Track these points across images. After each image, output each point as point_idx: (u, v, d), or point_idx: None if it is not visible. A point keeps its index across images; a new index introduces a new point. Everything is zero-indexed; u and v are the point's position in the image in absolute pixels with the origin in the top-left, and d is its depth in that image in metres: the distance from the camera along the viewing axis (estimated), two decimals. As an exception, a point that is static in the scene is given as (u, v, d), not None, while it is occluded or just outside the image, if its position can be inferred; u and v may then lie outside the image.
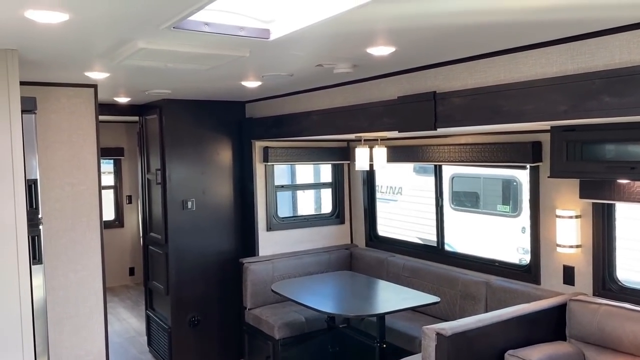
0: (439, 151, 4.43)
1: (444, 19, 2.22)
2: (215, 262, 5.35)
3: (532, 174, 3.87)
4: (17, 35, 2.44)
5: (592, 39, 2.47)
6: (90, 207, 4.11)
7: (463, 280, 4.26)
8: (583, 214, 3.53)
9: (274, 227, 5.34)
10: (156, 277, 5.53)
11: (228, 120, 5.41)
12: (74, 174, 4.06)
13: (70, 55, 2.93)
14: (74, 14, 2.08)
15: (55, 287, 4.00)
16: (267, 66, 3.34)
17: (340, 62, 3.21)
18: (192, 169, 5.24)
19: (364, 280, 4.76)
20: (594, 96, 2.44)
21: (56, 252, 3.99)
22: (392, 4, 1.96)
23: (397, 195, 7.52)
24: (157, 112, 5.19)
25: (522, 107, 2.75)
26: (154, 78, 3.82)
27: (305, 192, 7.74)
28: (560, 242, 3.60)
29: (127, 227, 8.64)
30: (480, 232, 6.25)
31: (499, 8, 2.07)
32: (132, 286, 8.55)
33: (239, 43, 2.59)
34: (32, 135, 2.89)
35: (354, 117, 3.94)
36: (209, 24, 2.32)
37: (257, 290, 5.02)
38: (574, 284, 3.61)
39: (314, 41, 2.61)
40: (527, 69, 2.76)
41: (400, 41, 2.64)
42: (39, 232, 2.92)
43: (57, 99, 3.99)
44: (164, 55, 2.78)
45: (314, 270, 5.24)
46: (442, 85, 3.23)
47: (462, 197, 6.69)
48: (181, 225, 5.18)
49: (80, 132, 4.07)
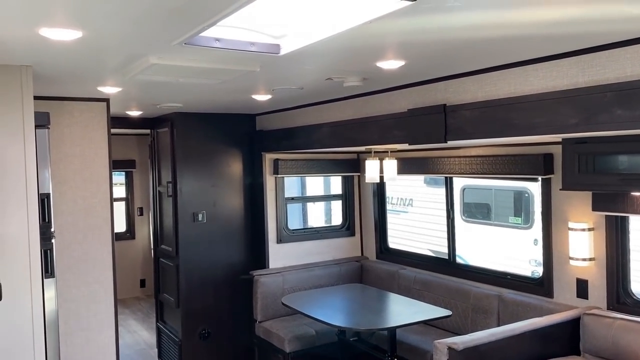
0: (450, 163, 4.42)
1: (454, 33, 2.22)
2: (225, 275, 5.35)
3: (544, 186, 3.84)
4: (31, 51, 2.48)
5: (603, 51, 2.46)
6: (102, 220, 4.14)
7: (475, 293, 4.22)
8: (596, 227, 3.50)
9: (284, 240, 5.34)
10: (167, 289, 5.54)
11: (238, 133, 5.43)
12: (86, 187, 4.10)
13: (83, 70, 2.97)
14: (87, 32, 2.11)
15: (67, 299, 4.02)
16: (277, 80, 3.36)
17: (350, 76, 3.22)
18: (203, 181, 5.26)
19: (374, 293, 4.74)
20: (606, 109, 2.42)
21: (68, 265, 4.02)
22: (401, 19, 1.97)
23: (407, 207, 7.49)
24: (169, 125, 5.24)
25: (533, 120, 2.73)
26: (165, 92, 3.86)
27: (316, 204, 7.75)
28: (573, 255, 3.57)
29: (138, 239, 8.68)
30: (492, 244, 6.20)
31: (509, 22, 2.07)
32: (143, 298, 8.57)
33: (249, 58, 2.61)
34: (45, 149, 2.93)
35: (364, 130, 3.95)
36: (220, 39, 2.34)
37: (267, 303, 5.01)
38: (587, 297, 3.56)
39: (324, 56, 2.63)
40: (537, 81, 2.75)
41: (409, 55, 2.64)
42: (52, 245, 2.95)
43: (70, 113, 4.04)
44: (176, 70, 2.80)
45: (324, 282, 5.23)
46: (453, 98, 3.22)
47: (473, 208, 6.65)
48: (192, 238, 5.20)
49: (92, 145, 4.11)
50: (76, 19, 1.95)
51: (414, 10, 1.83)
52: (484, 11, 1.92)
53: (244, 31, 2.38)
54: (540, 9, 1.90)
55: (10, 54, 2.52)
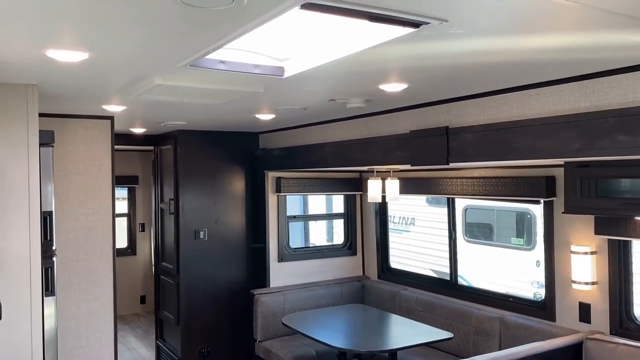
0: (452, 184, 4.42)
1: (456, 59, 2.24)
2: (226, 293, 5.33)
3: (546, 209, 3.83)
4: (37, 71, 2.51)
5: (605, 77, 2.47)
6: (103, 237, 4.14)
7: (477, 315, 4.19)
8: (599, 250, 3.48)
9: (285, 258, 5.33)
10: (167, 307, 5.51)
11: (241, 151, 5.45)
12: (89, 204, 4.10)
13: (89, 90, 3.00)
14: (93, 53, 2.13)
15: (67, 317, 4.00)
16: (280, 101, 3.38)
17: (353, 98, 3.24)
18: (205, 198, 5.27)
19: (375, 314, 4.71)
20: (608, 134, 2.43)
21: (69, 282, 4.01)
22: (404, 45, 1.99)
23: (409, 226, 7.48)
24: (172, 142, 5.26)
25: (536, 144, 2.74)
26: (169, 111, 3.88)
27: (317, 222, 7.73)
28: (575, 279, 3.55)
29: (139, 255, 8.66)
30: (493, 264, 6.17)
31: (511, 48, 2.09)
32: (142, 314, 8.52)
33: (253, 80, 2.64)
34: (49, 167, 2.94)
35: (366, 150, 3.96)
36: (224, 62, 2.36)
37: (267, 322, 4.98)
38: (590, 321, 3.53)
39: (327, 78, 2.65)
40: (539, 105, 2.76)
41: (412, 79, 2.66)
42: (53, 263, 2.95)
43: (75, 130, 4.06)
44: (180, 91, 2.83)
45: (325, 302, 5.20)
46: (455, 121, 3.24)
47: (475, 228, 6.63)
48: (193, 255, 5.18)
49: (96, 162, 4.13)
50: (83, 41, 1.97)
51: (417, 37, 1.85)
52: (486, 38, 1.94)
53: (249, 54, 2.40)
54: (541, 36, 1.91)
55: (16, 73, 2.55)
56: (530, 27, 1.80)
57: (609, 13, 1.63)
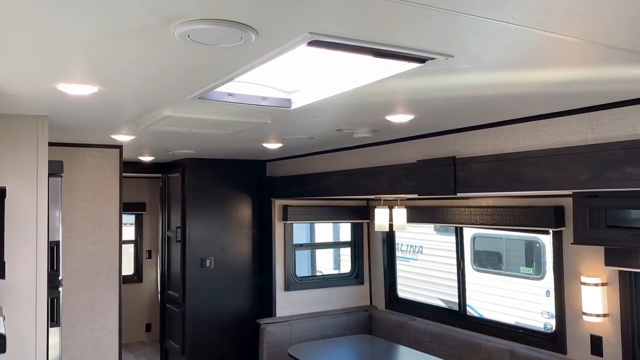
0: (460, 213, 4.39)
1: (462, 92, 2.25)
2: (232, 322, 5.28)
3: (555, 239, 3.79)
4: (48, 104, 2.54)
5: (612, 109, 2.48)
6: (110, 266, 4.14)
7: (486, 347, 4.12)
8: (609, 282, 3.43)
9: (292, 287, 5.28)
10: (172, 336, 5.46)
11: (249, 179, 5.47)
12: (96, 232, 4.11)
13: (98, 121, 3.03)
14: (103, 87, 2.16)
15: (72, 346, 3.97)
16: (288, 131, 3.40)
17: (360, 128, 3.25)
18: (212, 226, 5.26)
19: (383, 346, 4.64)
20: (616, 166, 2.42)
21: (74, 311, 3.99)
22: (410, 78, 2.00)
23: (417, 254, 7.42)
24: (180, 170, 5.29)
25: (543, 175, 2.73)
26: (178, 140, 3.91)
27: (324, 251, 7.69)
28: (586, 311, 3.48)
29: (145, 282, 8.61)
30: (503, 294, 6.08)
31: (517, 82, 2.10)
32: (148, 343, 8.43)
33: (261, 111, 2.66)
34: (57, 197, 2.96)
35: (373, 179, 3.96)
36: (232, 94, 2.39)
37: (273, 353, 4.92)
38: (602, 354, 3.46)
39: (334, 110, 2.67)
40: (547, 137, 2.76)
41: (419, 110, 2.67)
42: (59, 293, 2.94)
43: (84, 159, 4.10)
44: (189, 122, 2.85)
45: (332, 332, 5.13)
46: (462, 151, 3.24)
47: (483, 257, 6.56)
48: (199, 284, 5.16)
49: (104, 191, 4.15)
50: (93, 76, 2.00)
51: (423, 71, 1.87)
52: (492, 72, 1.95)
53: (256, 86, 2.42)
54: (547, 70, 1.92)
55: (27, 105, 2.58)
56: (535, 62, 1.81)
57: (612, 48, 1.64)
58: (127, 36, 1.52)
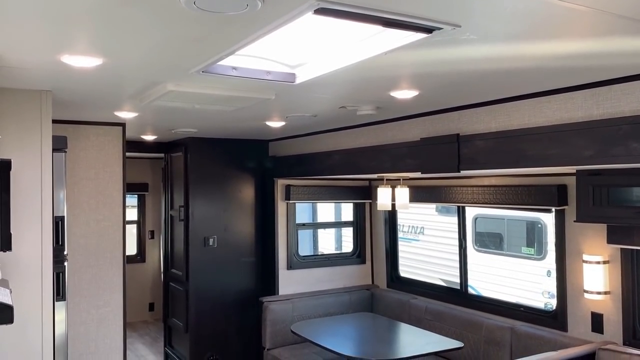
0: (462, 192, 4.40)
1: (468, 65, 2.24)
2: (235, 300, 5.33)
3: (557, 218, 3.80)
4: (52, 77, 2.53)
5: (618, 84, 2.46)
6: (114, 243, 4.16)
7: (487, 325, 4.16)
8: (611, 260, 3.45)
9: (294, 266, 5.32)
10: (176, 314, 5.51)
11: (251, 159, 5.47)
12: (100, 210, 4.13)
13: (102, 96, 3.03)
14: (107, 59, 2.15)
15: (77, 322, 4.01)
16: (291, 108, 3.40)
17: (364, 105, 3.24)
18: (215, 206, 5.28)
19: (385, 323, 4.68)
20: (621, 142, 2.41)
21: (79, 287, 4.02)
22: (415, 51, 1.99)
23: (419, 235, 7.45)
24: (183, 149, 5.29)
25: (547, 151, 2.73)
26: (181, 118, 3.91)
27: (326, 230, 7.72)
28: (587, 288, 3.51)
29: (148, 262, 8.67)
30: (504, 274, 6.12)
31: (524, 54, 2.08)
32: (151, 322, 8.52)
33: (265, 86, 2.65)
34: (62, 172, 2.97)
35: (376, 158, 3.95)
36: (236, 68, 2.38)
37: (276, 330, 4.97)
38: (602, 332, 3.49)
39: (338, 85, 2.66)
40: (552, 113, 2.75)
41: (423, 85, 2.66)
42: (64, 268, 2.96)
43: (87, 136, 4.10)
44: (192, 97, 2.85)
45: (334, 310, 5.18)
46: (466, 128, 3.23)
47: (485, 238, 6.59)
48: (202, 262, 5.19)
49: (107, 169, 4.16)
50: (97, 47, 1.99)
51: (429, 42, 1.86)
52: (498, 44, 1.93)
53: (260, 60, 2.41)
54: (555, 42, 1.91)
55: (31, 79, 2.58)
56: (543, 32, 1.80)
57: (623, 18, 1.62)
58: (132, 3, 1.51)
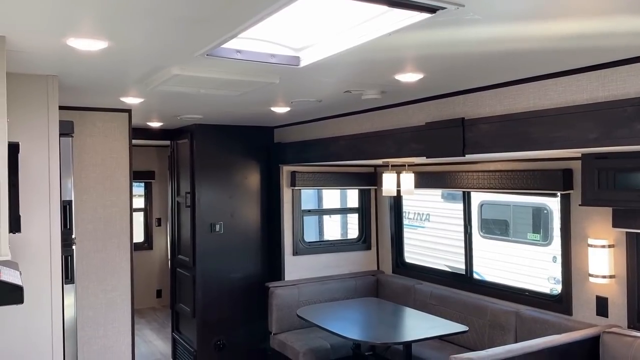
0: (468, 178, 4.40)
1: (473, 46, 2.24)
2: (241, 286, 5.37)
3: (563, 202, 3.80)
4: (58, 62, 2.55)
5: (623, 66, 2.45)
6: (121, 228, 4.20)
7: (492, 309, 4.18)
8: (616, 243, 3.45)
9: (300, 252, 5.35)
10: (183, 299, 5.57)
11: (257, 145, 5.49)
12: (107, 196, 4.16)
13: (107, 81, 3.04)
14: (112, 42, 2.17)
15: (85, 306, 4.06)
16: (296, 92, 3.40)
17: (369, 89, 3.24)
18: (221, 192, 5.31)
19: (390, 308, 4.71)
20: (626, 124, 2.41)
21: (87, 272, 4.07)
22: (419, 32, 1.99)
23: (424, 222, 7.46)
24: (188, 136, 5.31)
25: (552, 134, 2.72)
26: (186, 103, 3.92)
27: (332, 217, 7.74)
28: (592, 272, 3.51)
29: (155, 250, 8.75)
30: (510, 260, 6.13)
31: (529, 35, 2.08)
32: (158, 308, 8.61)
33: (269, 70, 2.66)
34: (69, 157, 2.99)
35: (381, 143, 3.96)
36: (241, 51, 2.39)
37: (282, 315, 5.01)
38: (607, 315, 3.50)
39: (343, 68, 2.66)
40: (557, 96, 2.74)
41: (428, 68, 2.66)
42: (72, 252, 3.00)
43: (93, 123, 4.12)
44: (197, 82, 2.86)
45: (339, 296, 5.21)
46: (471, 112, 3.23)
47: (491, 224, 6.59)
48: (209, 248, 5.23)
49: (114, 155, 4.19)
50: (102, 29, 2.01)
51: (433, 23, 1.85)
52: (503, 24, 1.93)
53: (265, 43, 2.42)
54: (560, 22, 1.90)
55: (38, 64, 2.59)
56: (548, 11, 1.79)
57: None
58: (136, -17, 1.52)
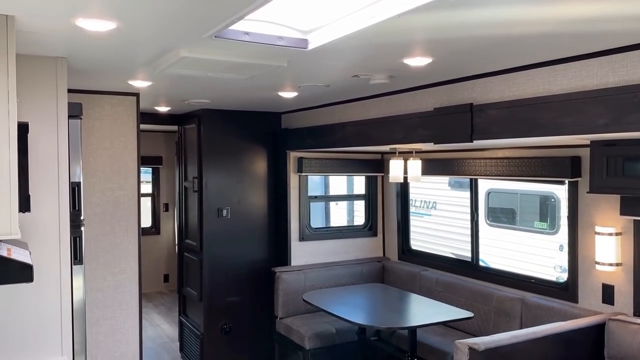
0: (475, 165, 4.39)
1: (482, 30, 2.22)
2: (248, 270, 5.41)
3: (570, 190, 3.78)
4: (67, 43, 2.55)
5: (634, 51, 2.43)
6: (129, 212, 4.23)
7: (498, 296, 4.18)
8: (624, 231, 3.43)
9: (306, 238, 5.37)
10: (190, 283, 5.61)
11: (264, 131, 5.49)
12: (115, 179, 4.19)
13: (116, 63, 3.05)
14: (121, 23, 2.17)
15: (94, 288, 4.11)
16: (304, 76, 3.39)
17: (377, 73, 3.23)
18: (228, 177, 5.33)
19: (396, 293, 4.73)
20: (636, 109, 2.39)
21: (95, 254, 4.11)
22: (428, 14, 1.98)
23: (431, 210, 7.45)
24: (196, 121, 5.32)
25: (561, 120, 2.71)
26: (194, 87, 3.92)
27: (338, 203, 7.75)
28: (599, 260, 3.51)
29: (163, 235, 8.82)
30: (516, 249, 6.12)
31: (538, 19, 2.06)
32: (166, 293, 8.69)
33: (277, 53, 2.65)
34: (77, 139, 3.00)
35: (389, 129, 3.95)
36: (249, 33, 2.38)
37: (288, 300, 5.04)
38: (613, 303, 3.50)
39: (351, 51, 2.65)
40: (566, 81, 2.72)
41: (437, 52, 2.65)
42: (81, 233, 3.02)
43: (101, 106, 4.14)
44: (205, 64, 2.86)
45: (345, 281, 5.24)
46: (479, 97, 3.21)
47: (498, 213, 6.58)
48: (216, 233, 5.26)
49: (122, 138, 4.20)
50: (111, 10, 2.01)
51: (442, 4, 1.84)
52: (513, 6, 1.91)
53: (273, 25, 2.41)
54: (570, 4, 1.88)
55: (47, 45, 2.60)
56: (558, -7, 1.77)
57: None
58: (145, -39, 1.51)
